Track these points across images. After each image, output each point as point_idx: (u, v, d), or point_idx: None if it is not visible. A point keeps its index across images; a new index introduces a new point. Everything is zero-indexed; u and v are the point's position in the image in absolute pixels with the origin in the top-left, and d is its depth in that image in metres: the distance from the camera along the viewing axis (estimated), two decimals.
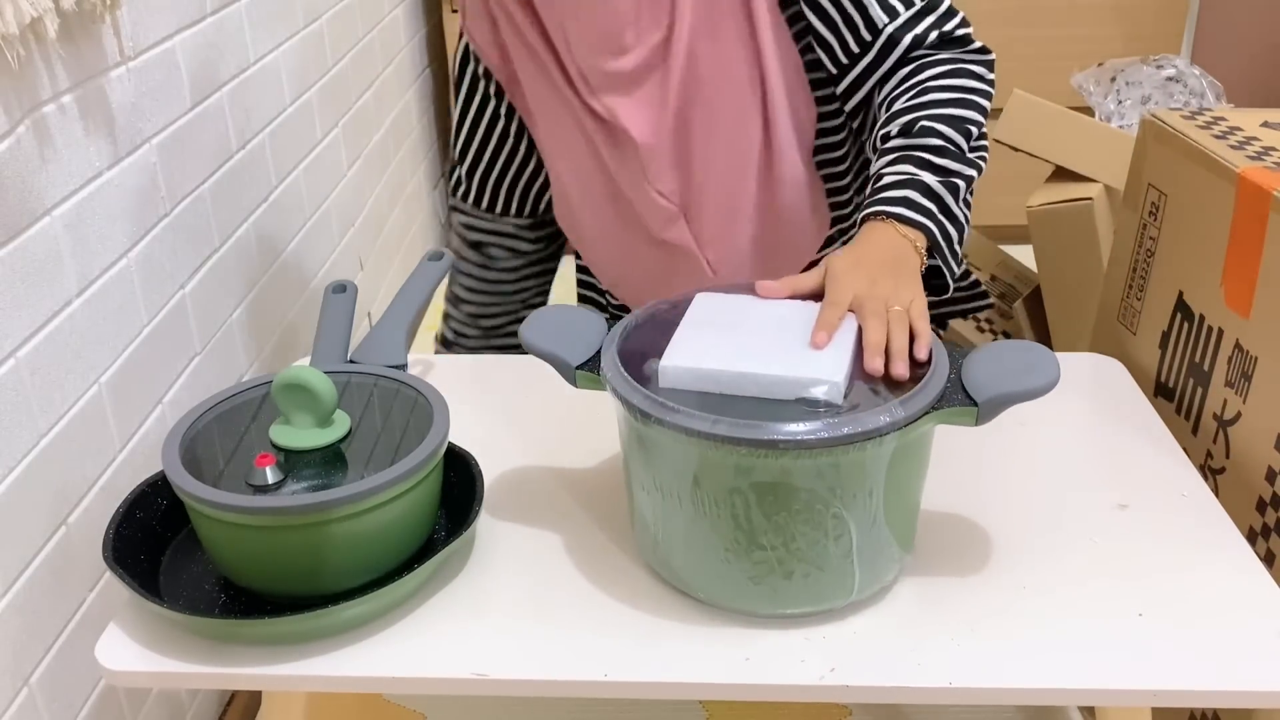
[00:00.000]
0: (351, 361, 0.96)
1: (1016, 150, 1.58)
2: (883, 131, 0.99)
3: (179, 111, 1.22)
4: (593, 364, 0.81)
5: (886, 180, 0.95)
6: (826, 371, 0.76)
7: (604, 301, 1.27)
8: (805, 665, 0.76)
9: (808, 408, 0.74)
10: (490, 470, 0.93)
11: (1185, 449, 0.98)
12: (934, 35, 1.02)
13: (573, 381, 0.82)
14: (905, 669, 0.75)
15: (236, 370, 1.37)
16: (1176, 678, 0.75)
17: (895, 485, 0.76)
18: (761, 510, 0.74)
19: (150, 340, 1.14)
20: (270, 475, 0.79)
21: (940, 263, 0.93)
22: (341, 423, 0.84)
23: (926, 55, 1.02)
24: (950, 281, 0.95)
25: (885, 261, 0.88)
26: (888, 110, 1.00)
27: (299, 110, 1.60)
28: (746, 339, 0.81)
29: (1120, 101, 1.77)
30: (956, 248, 0.95)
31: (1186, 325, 1.09)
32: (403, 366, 0.95)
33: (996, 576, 0.83)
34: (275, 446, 0.82)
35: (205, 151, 1.28)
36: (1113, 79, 1.79)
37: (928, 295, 0.87)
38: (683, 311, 0.85)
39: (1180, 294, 1.10)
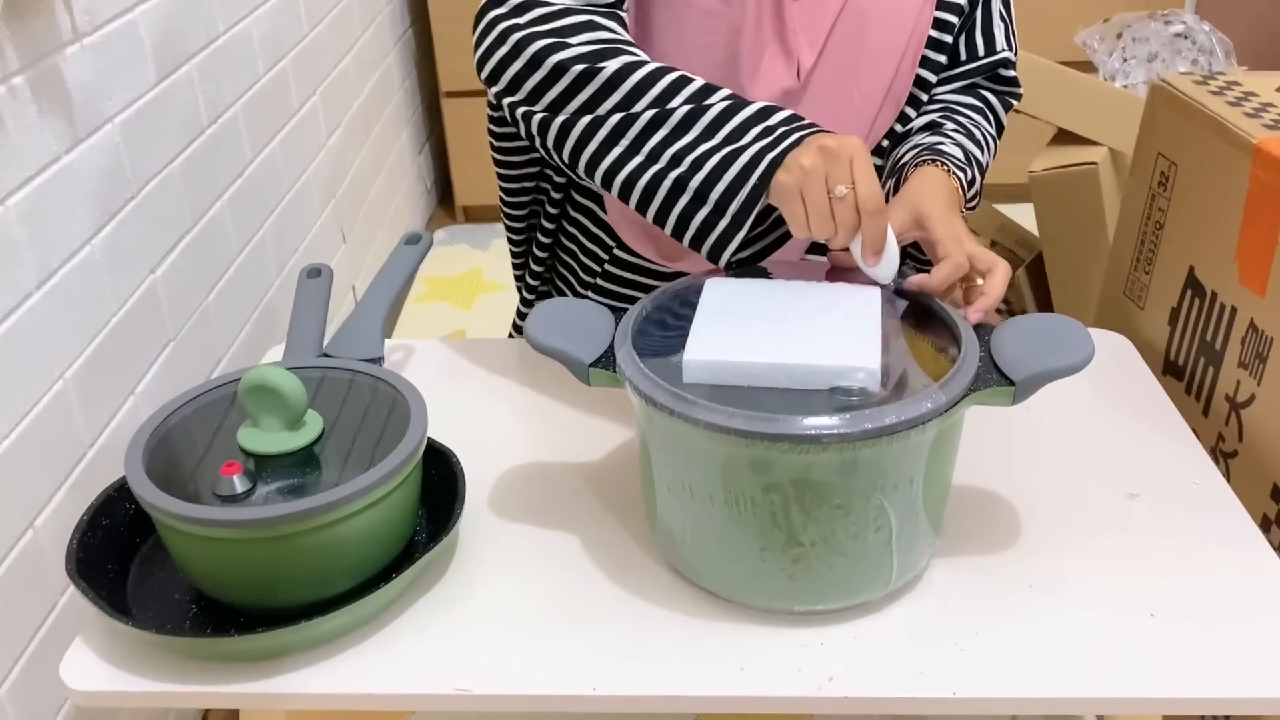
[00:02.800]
0: (325, 355, 0.91)
1: (1018, 112, 1.53)
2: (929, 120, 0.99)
3: (143, 88, 1.16)
4: (606, 360, 0.76)
5: (931, 139, 0.94)
6: (861, 358, 0.71)
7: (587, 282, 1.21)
8: (802, 675, 0.72)
9: (843, 397, 0.69)
10: (474, 466, 0.88)
11: (1195, 430, 0.93)
12: (1004, 71, 1.04)
13: (585, 379, 0.76)
14: (907, 678, 0.72)
15: (214, 355, 1.33)
16: (1190, 684, 0.70)
17: (933, 470, 0.72)
18: (801, 507, 0.69)
19: (120, 330, 1.09)
20: (238, 484, 0.74)
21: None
22: (313, 424, 0.80)
23: (988, 87, 1.04)
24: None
25: (956, 205, 0.87)
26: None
27: (273, 80, 1.54)
28: (769, 326, 0.75)
29: (1126, 59, 1.71)
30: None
31: (1198, 302, 1.04)
32: (379, 360, 0.90)
33: (1002, 574, 0.79)
34: (244, 451, 0.78)
35: (173, 128, 1.23)
36: (1118, 35, 1.73)
37: None
38: (690, 299, 0.80)
39: (1191, 269, 1.05)
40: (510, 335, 1.18)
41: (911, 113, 0.99)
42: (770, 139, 0.80)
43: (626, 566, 0.81)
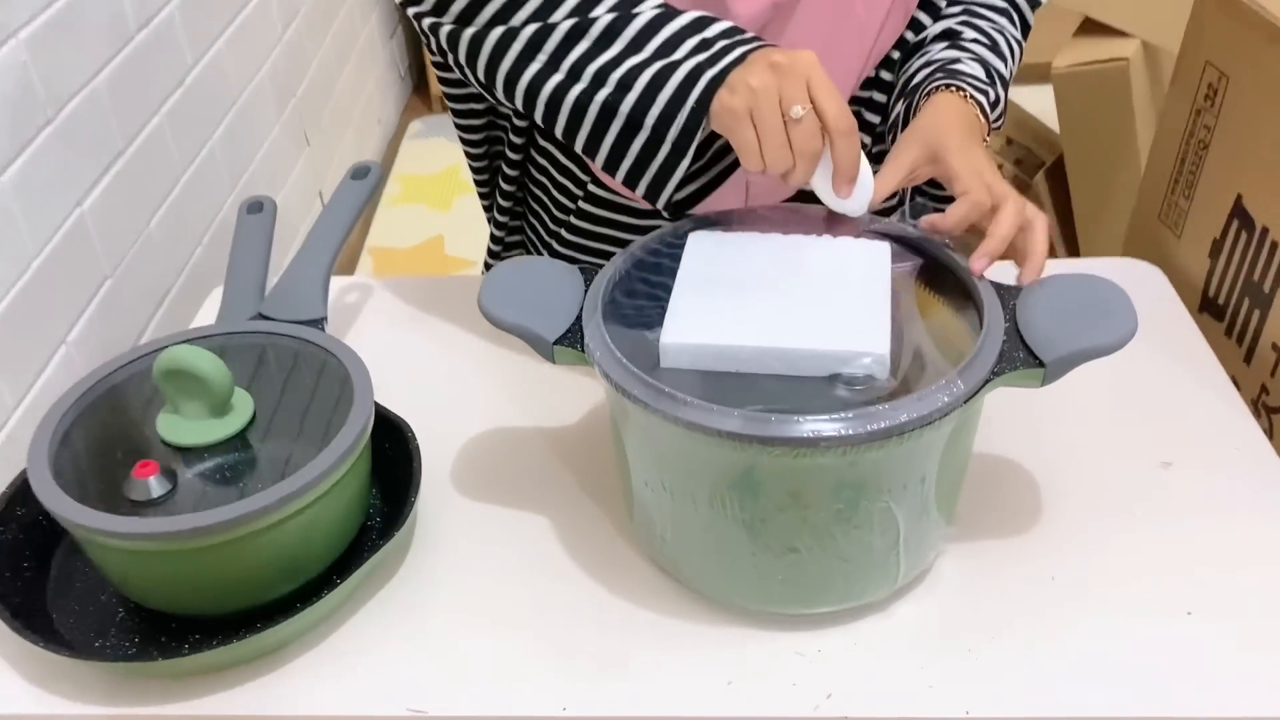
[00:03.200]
0: (261, 316, 0.81)
1: None
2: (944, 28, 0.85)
3: None
4: (573, 335, 0.65)
5: (947, 54, 0.82)
6: (867, 340, 0.61)
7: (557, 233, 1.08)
8: (796, 690, 0.64)
9: (845, 386, 0.60)
10: (433, 436, 0.80)
11: (1235, 378, 0.84)
12: None
13: (550, 357, 0.66)
14: (915, 693, 0.64)
15: (161, 287, 1.22)
16: (1234, 700, 0.63)
17: (948, 462, 0.63)
18: (797, 512, 0.60)
19: (42, 273, 0.98)
20: (155, 487, 0.65)
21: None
22: (242, 407, 0.70)
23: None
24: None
25: (977, 134, 0.75)
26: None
27: None
28: (760, 298, 0.65)
29: None
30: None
31: (1244, 235, 0.93)
32: (320, 322, 0.80)
33: (1020, 564, 0.71)
34: (164, 443, 0.69)
35: (94, 38, 1.09)
36: None
37: None
38: (670, 257, 0.70)
39: (1239, 198, 0.94)
40: (484, 269, 1.07)
41: (925, 18, 0.86)
42: (709, 53, 0.68)
43: (603, 559, 0.72)
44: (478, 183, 0.99)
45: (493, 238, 1.01)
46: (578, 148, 0.73)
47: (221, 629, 0.67)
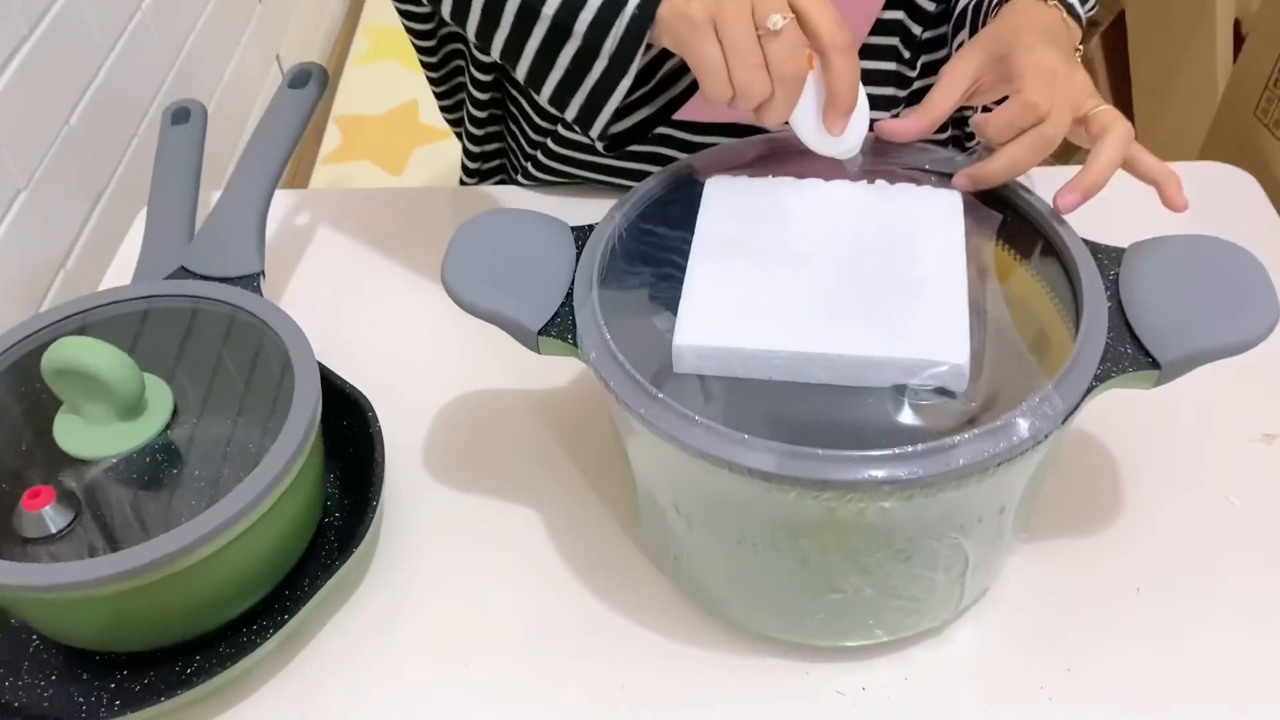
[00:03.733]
0: (184, 270, 0.67)
1: None
2: None
3: None
4: (562, 322, 0.52)
5: None
6: (941, 344, 0.47)
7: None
8: None
9: (912, 402, 0.47)
10: (401, 409, 0.68)
11: None
12: None
13: (534, 348, 0.53)
14: None
15: (91, 194, 1.06)
16: None
17: (1032, 486, 0.51)
18: (845, 555, 0.49)
19: None
20: (51, 520, 0.53)
21: None
22: (159, 403, 0.57)
23: None
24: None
25: (1062, 40, 0.59)
26: None
27: None
28: (799, 280, 0.51)
29: None
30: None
31: None
32: (255, 279, 0.66)
33: (1098, 569, 0.59)
34: (62, 454, 0.56)
35: None
36: None
37: None
38: (683, 206, 0.55)
39: None
40: (461, 181, 0.92)
41: None
42: None
43: (607, 566, 0.61)
44: (443, 108, 0.83)
45: (467, 153, 0.86)
46: (495, 54, 0.58)
47: (157, 663, 0.57)
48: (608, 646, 0.58)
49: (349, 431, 0.65)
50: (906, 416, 0.46)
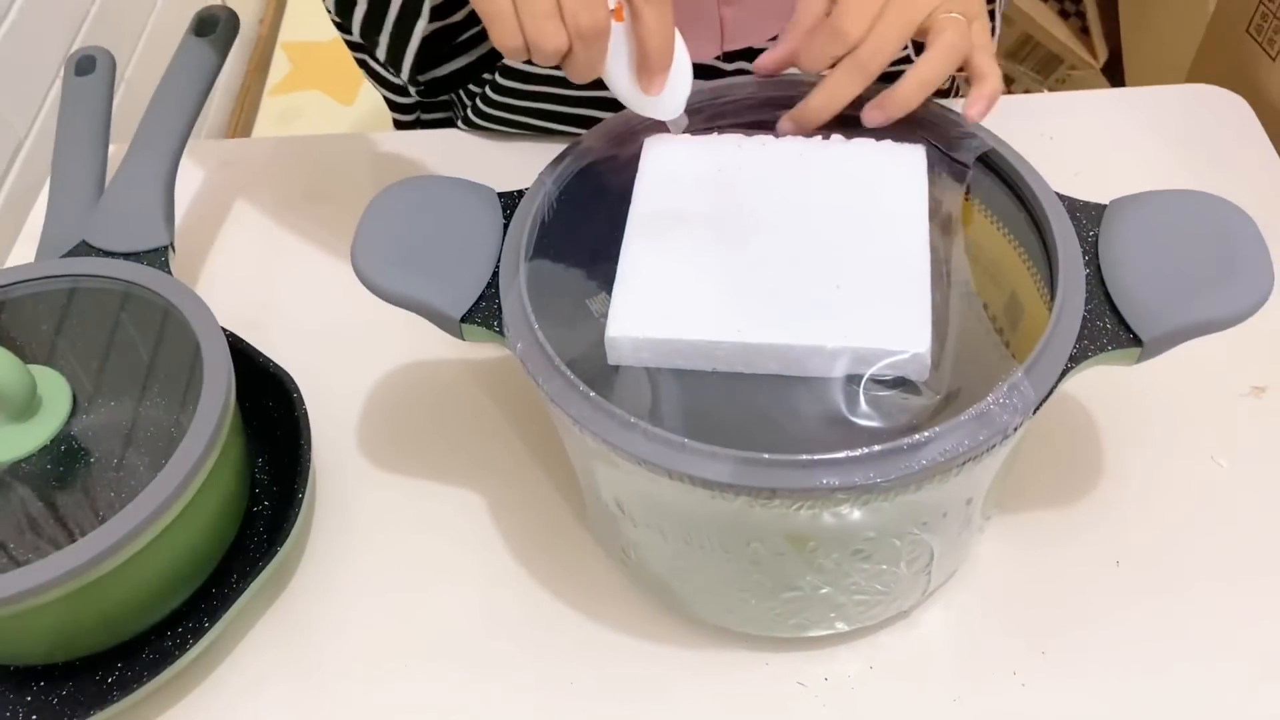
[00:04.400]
0: (85, 246, 0.61)
1: None
2: None
3: None
4: (488, 307, 0.47)
5: None
6: (900, 330, 0.43)
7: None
8: None
9: (870, 394, 0.42)
10: (333, 387, 0.63)
11: None
12: None
13: (458, 335, 0.48)
14: None
15: (10, 143, 1.00)
16: None
17: (999, 474, 0.46)
18: (799, 556, 0.45)
19: None
20: None
21: None
22: (56, 401, 0.52)
23: None
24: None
25: None
26: None
27: None
28: (745, 258, 0.46)
29: None
30: None
31: None
32: (163, 251, 0.60)
33: (1075, 541, 0.56)
34: None
35: None
36: None
37: None
38: (622, 170, 0.50)
39: None
40: (395, 123, 0.86)
41: None
42: None
43: (555, 554, 0.57)
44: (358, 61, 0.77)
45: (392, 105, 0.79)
46: None
47: (76, 673, 0.53)
48: (556, 640, 0.54)
49: (276, 413, 0.61)
50: (864, 410, 0.42)
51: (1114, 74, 1.17)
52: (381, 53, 0.54)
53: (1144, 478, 0.58)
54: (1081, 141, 0.75)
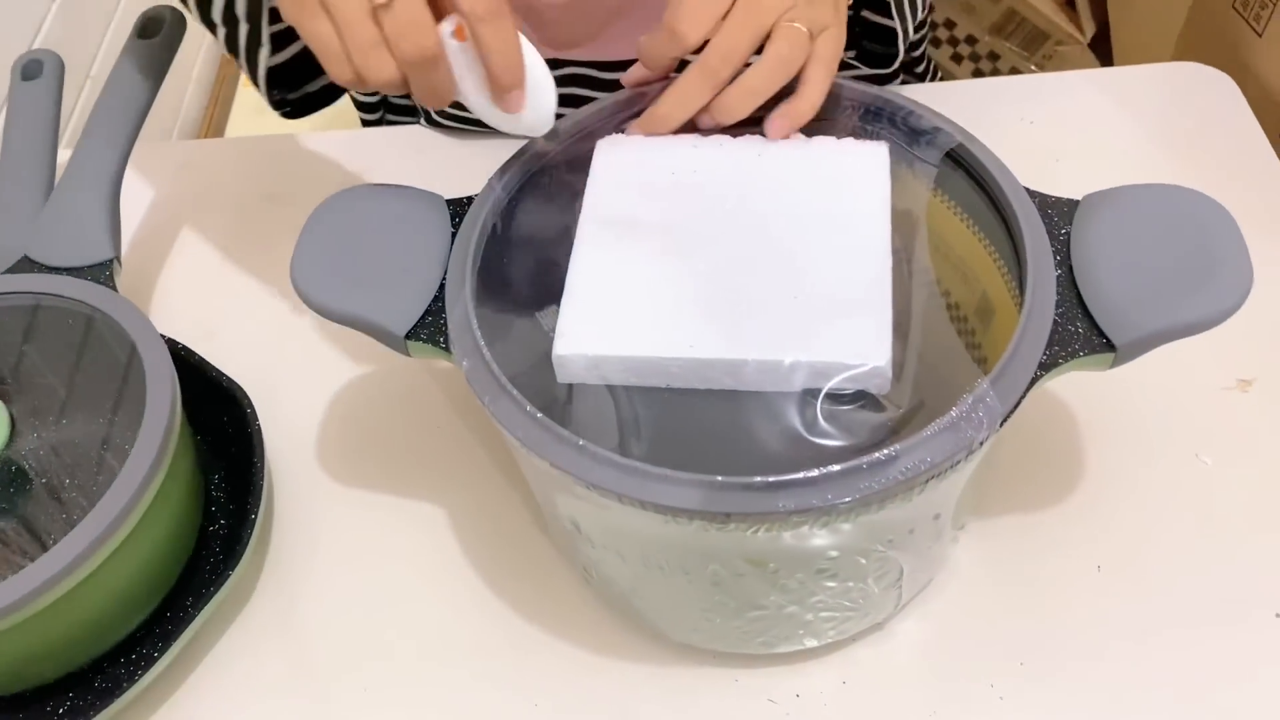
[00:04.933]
0: (27, 260, 0.59)
1: None
2: None
3: None
4: (434, 323, 0.45)
5: None
6: (859, 343, 0.40)
7: None
8: None
9: (829, 408, 0.40)
10: (287, 395, 0.62)
11: None
12: None
13: (406, 353, 0.46)
14: None
15: None
16: None
17: (969, 485, 0.44)
18: (761, 577, 0.43)
19: None
20: None
21: None
22: None
23: None
24: (899, 45, 0.62)
25: None
26: None
27: None
28: (697, 268, 0.43)
29: None
30: None
31: None
32: (107, 265, 0.58)
33: (1055, 547, 0.54)
34: None
35: None
36: None
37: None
38: (575, 170, 0.48)
39: None
40: (362, 120, 0.84)
41: None
42: None
43: (518, 568, 0.55)
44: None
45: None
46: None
47: (25, 704, 0.52)
48: (520, 658, 0.53)
49: (231, 428, 0.59)
50: (823, 427, 0.40)
51: (1102, 49, 1.15)
52: (243, 71, 0.54)
53: (1126, 477, 0.56)
54: (1063, 125, 0.73)
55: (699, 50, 0.47)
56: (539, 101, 0.46)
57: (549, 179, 0.49)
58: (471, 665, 0.53)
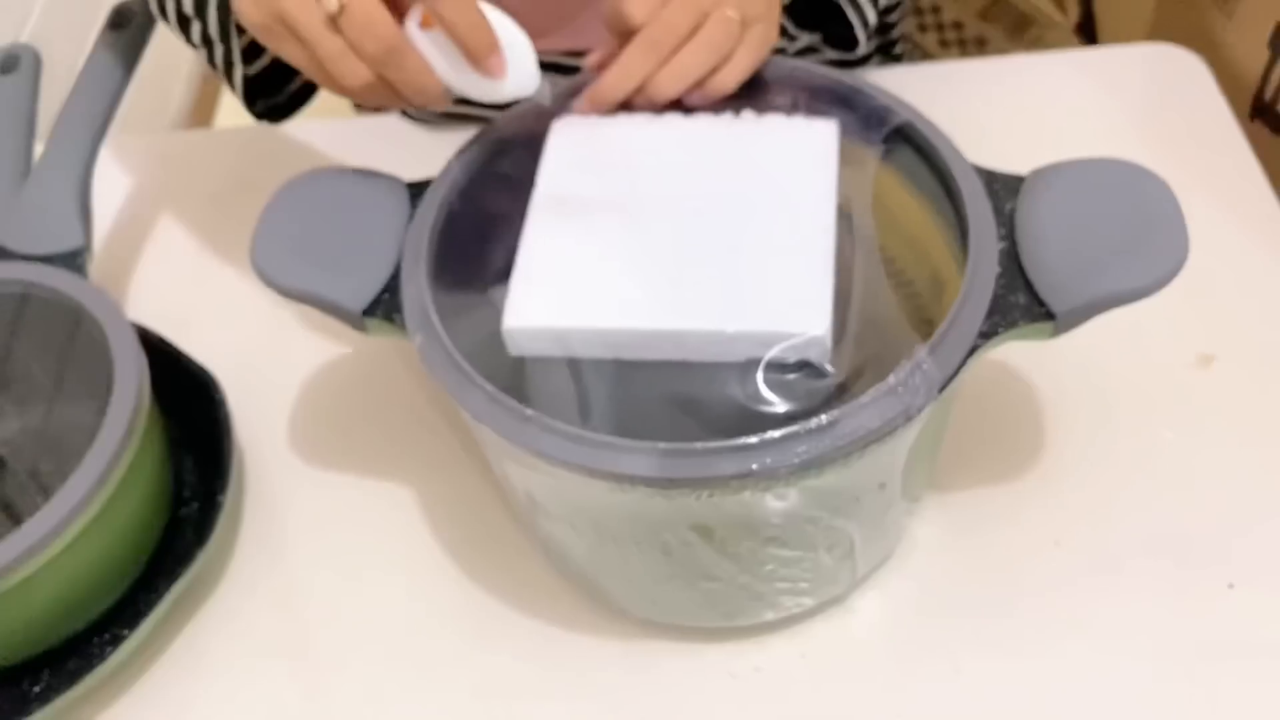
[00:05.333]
0: (0, 251, 0.60)
1: None
2: None
3: None
4: (391, 300, 0.46)
5: None
6: (798, 313, 0.41)
7: None
8: None
9: (769, 375, 0.41)
10: (269, 382, 0.63)
11: None
12: None
13: (363, 330, 0.47)
14: None
15: None
16: None
17: (917, 452, 0.45)
18: (712, 547, 0.44)
19: None
20: None
21: None
22: None
23: None
24: (860, 35, 0.63)
25: None
26: None
27: None
28: (645, 240, 0.44)
29: None
30: None
31: None
32: (78, 254, 0.59)
33: (1014, 523, 0.55)
34: None
35: None
36: None
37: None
38: (531, 153, 0.49)
39: None
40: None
41: None
42: None
43: (484, 549, 0.56)
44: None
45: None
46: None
47: (3, 684, 0.53)
48: (487, 635, 0.54)
49: (203, 414, 0.60)
50: (765, 395, 0.41)
51: (1087, 33, 1.15)
52: (227, 83, 0.58)
53: (1086, 452, 0.57)
54: (1034, 105, 0.73)
55: None
56: (519, 61, 0.47)
57: (507, 160, 0.50)
58: (438, 641, 0.54)
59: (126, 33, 0.64)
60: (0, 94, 0.67)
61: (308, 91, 0.63)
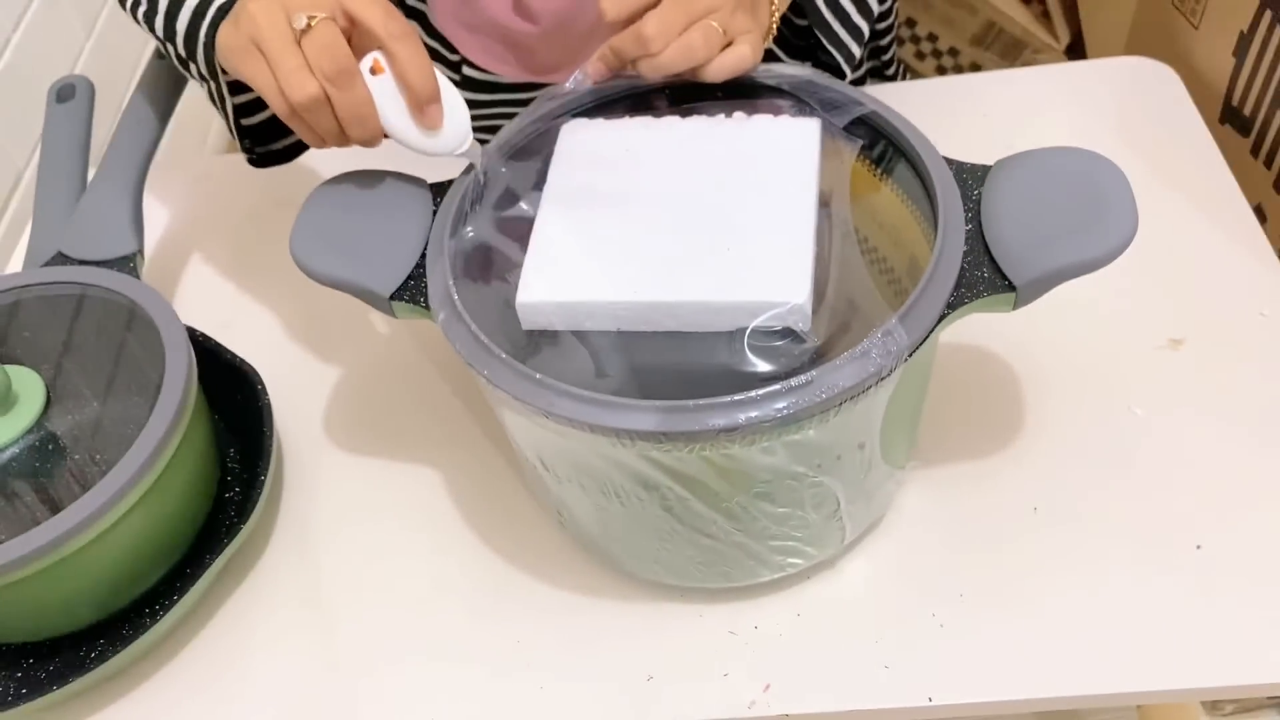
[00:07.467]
0: (61, 256, 0.66)
1: None
2: None
3: None
4: (416, 285, 0.51)
5: None
6: (781, 284, 0.46)
7: None
8: (729, 682, 0.54)
9: (756, 343, 0.46)
10: (304, 375, 0.68)
11: (1260, 209, 0.70)
12: None
13: (390, 313, 0.53)
14: (868, 679, 0.53)
15: (3, 184, 1.05)
16: (1256, 664, 0.52)
17: (894, 417, 0.49)
18: (704, 500, 0.48)
19: None
20: None
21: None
22: (30, 396, 0.56)
23: None
24: (846, 69, 0.67)
25: None
26: None
27: None
28: (644, 226, 0.49)
29: None
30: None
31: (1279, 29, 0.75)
32: (132, 258, 0.65)
33: (991, 492, 0.58)
34: None
35: None
36: None
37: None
38: (542, 158, 0.54)
39: None
40: None
41: None
42: None
43: (501, 521, 0.61)
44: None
45: None
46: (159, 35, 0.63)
47: (61, 650, 0.58)
48: (503, 599, 0.58)
49: (245, 406, 0.65)
50: (751, 360, 0.45)
51: (1078, 54, 1.20)
52: (233, 130, 0.64)
53: (1062, 427, 0.61)
54: (1016, 117, 0.78)
55: None
56: (455, 118, 0.52)
57: (521, 159, 0.55)
58: (460, 607, 0.58)
59: (169, 63, 0.70)
60: (58, 120, 0.73)
61: (293, 151, 0.69)
